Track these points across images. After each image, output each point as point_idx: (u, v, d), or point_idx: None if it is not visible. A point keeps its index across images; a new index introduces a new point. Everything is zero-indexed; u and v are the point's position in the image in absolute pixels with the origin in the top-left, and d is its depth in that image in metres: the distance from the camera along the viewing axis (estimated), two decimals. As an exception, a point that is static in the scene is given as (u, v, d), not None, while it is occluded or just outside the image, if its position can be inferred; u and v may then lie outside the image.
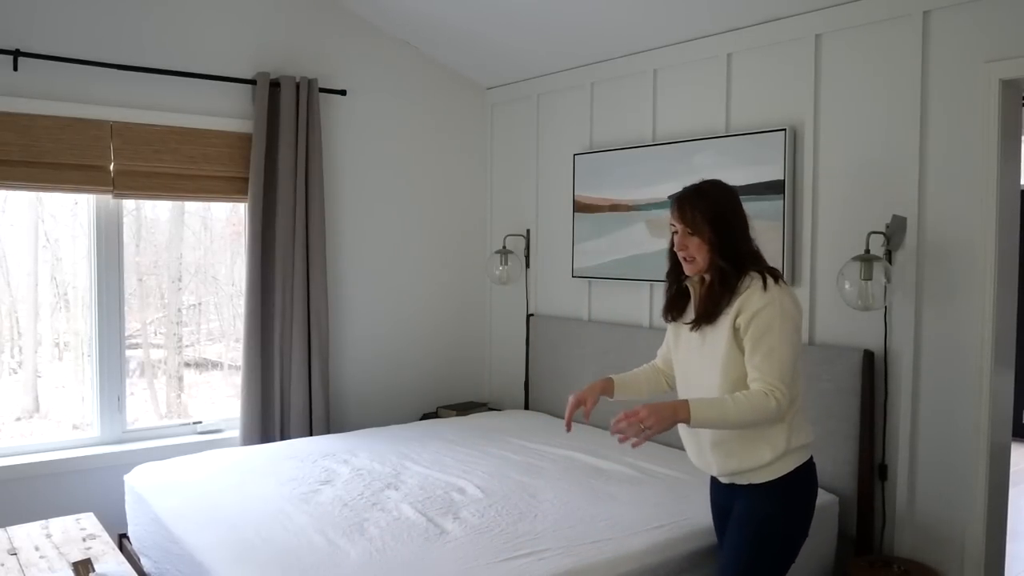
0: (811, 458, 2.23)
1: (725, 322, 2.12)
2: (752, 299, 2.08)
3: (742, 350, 2.10)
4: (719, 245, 2.13)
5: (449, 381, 4.75)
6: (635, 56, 3.90)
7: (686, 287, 2.27)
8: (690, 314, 2.24)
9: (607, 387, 2.39)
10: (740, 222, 2.18)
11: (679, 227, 2.18)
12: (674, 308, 2.30)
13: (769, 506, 2.16)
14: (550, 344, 4.35)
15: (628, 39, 3.80)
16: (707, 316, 2.16)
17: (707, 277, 2.18)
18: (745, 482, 2.19)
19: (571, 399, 2.32)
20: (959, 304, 2.81)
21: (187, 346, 4.36)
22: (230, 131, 3.89)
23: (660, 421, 1.98)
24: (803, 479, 2.20)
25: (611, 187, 3.98)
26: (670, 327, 2.36)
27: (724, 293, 2.12)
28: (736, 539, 2.20)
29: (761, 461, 2.13)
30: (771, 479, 2.15)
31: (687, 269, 2.21)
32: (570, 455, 3.42)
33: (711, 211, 2.13)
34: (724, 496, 2.31)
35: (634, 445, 2.00)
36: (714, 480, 2.36)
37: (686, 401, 2.04)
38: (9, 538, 2.50)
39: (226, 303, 4.41)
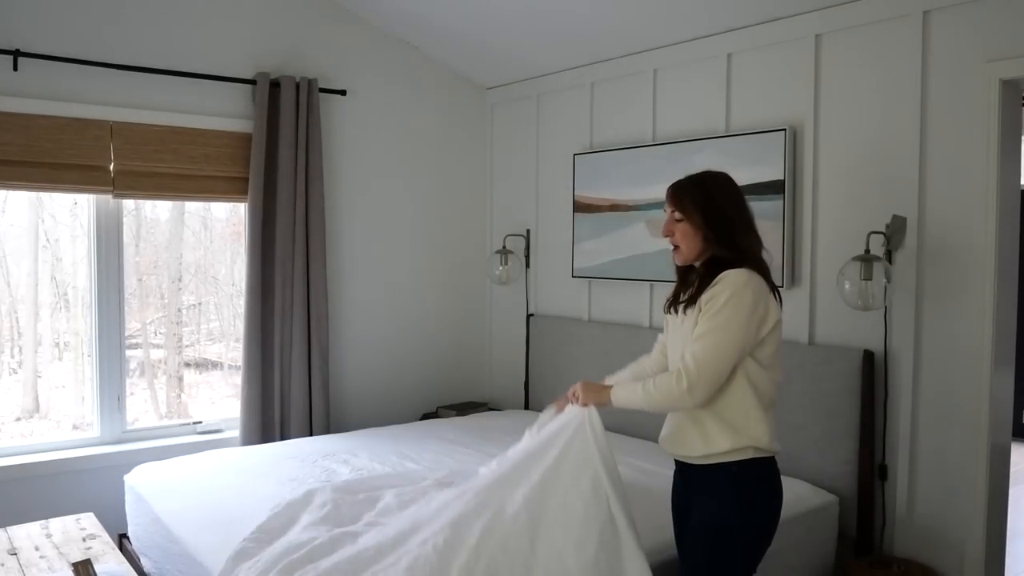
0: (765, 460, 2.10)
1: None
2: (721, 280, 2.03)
3: None
4: (714, 235, 2.08)
5: (449, 381, 4.75)
6: (635, 56, 3.90)
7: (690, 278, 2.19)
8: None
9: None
10: (739, 215, 2.12)
11: (668, 211, 2.16)
12: (674, 297, 2.23)
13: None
14: (550, 344, 4.35)
15: (628, 39, 3.80)
16: (689, 300, 2.10)
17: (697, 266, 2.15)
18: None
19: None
20: (959, 304, 2.81)
21: (187, 346, 4.36)
22: (230, 131, 3.89)
23: (587, 398, 2.23)
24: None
25: (611, 187, 3.98)
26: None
27: (708, 281, 2.05)
28: None
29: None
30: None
31: (674, 257, 2.18)
32: (570, 455, 3.41)
33: (703, 199, 2.10)
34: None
35: (559, 408, 2.32)
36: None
37: (612, 386, 2.21)
38: (9, 538, 2.50)
39: (226, 303, 4.42)
